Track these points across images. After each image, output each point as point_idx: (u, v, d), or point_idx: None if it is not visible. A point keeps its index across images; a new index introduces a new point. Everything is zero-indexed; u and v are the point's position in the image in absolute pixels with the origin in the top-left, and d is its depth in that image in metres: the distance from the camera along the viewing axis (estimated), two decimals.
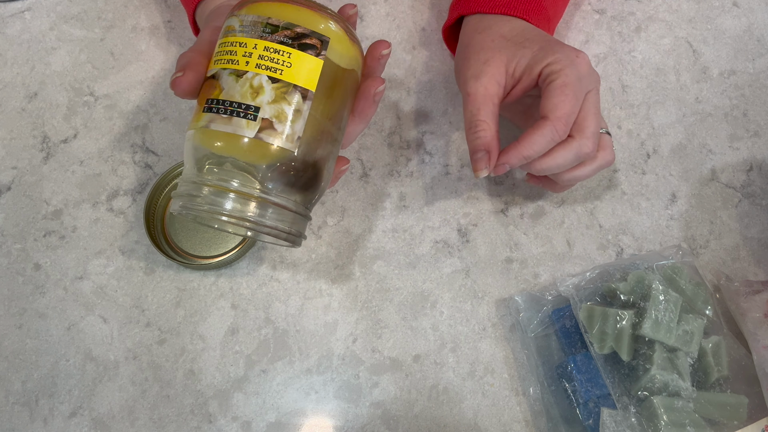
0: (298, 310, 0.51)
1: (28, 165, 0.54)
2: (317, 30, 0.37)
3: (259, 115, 0.35)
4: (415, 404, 0.49)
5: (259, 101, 0.36)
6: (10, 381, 0.49)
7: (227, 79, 0.36)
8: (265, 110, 0.36)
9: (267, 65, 0.36)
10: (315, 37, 0.37)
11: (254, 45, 0.36)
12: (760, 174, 0.56)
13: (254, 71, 0.36)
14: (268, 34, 0.36)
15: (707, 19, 0.61)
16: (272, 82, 0.36)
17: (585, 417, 0.45)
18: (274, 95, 0.36)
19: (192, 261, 0.51)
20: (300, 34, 0.36)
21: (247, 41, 0.36)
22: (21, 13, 0.60)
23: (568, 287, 0.49)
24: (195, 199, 0.36)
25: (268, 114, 0.36)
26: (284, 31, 0.36)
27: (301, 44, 0.36)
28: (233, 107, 0.36)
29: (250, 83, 0.36)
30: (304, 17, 0.37)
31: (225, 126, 0.36)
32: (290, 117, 0.36)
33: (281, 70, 0.36)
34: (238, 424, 0.48)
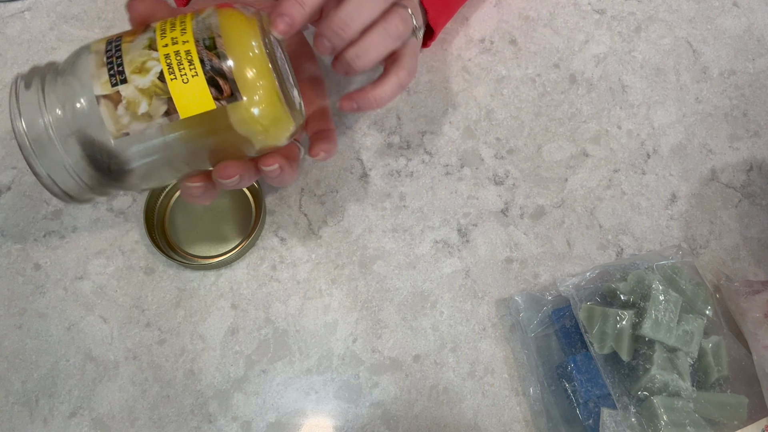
0: (298, 310, 0.51)
1: None
2: (242, 83, 0.34)
3: (120, 86, 0.34)
4: (415, 404, 0.49)
5: (132, 77, 0.34)
6: (10, 381, 0.49)
7: (141, 39, 0.35)
8: (127, 88, 0.34)
9: (172, 63, 0.34)
10: (230, 86, 0.34)
11: (185, 41, 0.34)
12: (760, 174, 0.56)
13: (160, 57, 0.34)
14: (203, 42, 0.34)
15: (707, 19, 0.61)
16: (159, 78, 0.34)
17: (585, 417, 0.45)
18: (147, 86, 0.34)
19: (192, 261, 0.51)
20: (219, 69, 0.34)
21: (188, 33, 0.35)
22: (21, 13, 0.60)
23: (568, 287, 0.49)
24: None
25: (126, 93, 0.34)
26: (212, 53, 0.34)
27: (211, 78, 0.34)
28: (115, 59, 0.34)
29: (145, 58, 0.34)
30: (246, 62, 0.34)
31: (96, 67, 0.34)
32: (136, 113, 0.34)
33: (174, 78, 0.34)
34: (238, 424, 0.48)
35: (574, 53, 0.59)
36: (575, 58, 0.59)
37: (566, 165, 0.55)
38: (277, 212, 0.53)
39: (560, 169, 0.55)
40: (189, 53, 0.34)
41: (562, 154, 0.56)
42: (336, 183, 0.54)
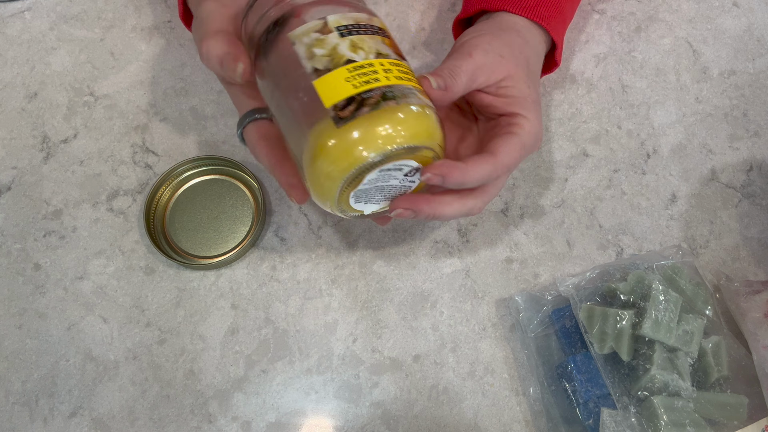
0: (298, 310, 0.51)
1: (28, 165, 0.54)
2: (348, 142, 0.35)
3: (339, 35, 0.37)
4: (415, 404, 0.49)
5: (347, 41, 0.37)
6: (10, 381, 0.49)
7: (383, 46, 0.38)
8: (335, 39, 0.37)
9: (364, 71, 0.36)
10: (349, 115, 0.35)
11: (387, 77, 0.37)
12: (760, 174, 0.56)
13: (371, 61, 0.37)
14: (389, 94, 0.36)
15: (707, 19, 0.61)
16: (345, 62, 0.36)
17: (585, 417, 0.45)
18: (340, 53, 0.36)
19: (192, 261, 0.52)
20: (361, 105, 0.35)
21: (389, 77, 0.37)
22: (21, 13, 0.60)
23: (568, 287, 0.49)
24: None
25: (330, 39, 0.37)
26: (381, 98, 0.36)
27: (357, 99, 0.35)
28: (358, 29, 0.38)
29: (365, 50, 0.37)
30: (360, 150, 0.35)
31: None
32: (313, 44, 0.37)
33: (357, 71, 0.36)
34: (238, 424, 0.48)
35: (574, 53, 0.59)
36: (575, 58, 0.59)
37: (566, 165, 0.55)
38: (277, 212, 0.53)
39: (560, 169, 0.55)
40: (375, 81, 0.36)
41: (562, 154, 0.56)
42: None
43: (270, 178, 0.54)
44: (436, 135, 0.38)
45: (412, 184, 0.40)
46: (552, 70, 0.52)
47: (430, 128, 0.37)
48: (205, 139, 0.55)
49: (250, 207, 0.53)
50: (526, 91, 0.44)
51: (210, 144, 0.55)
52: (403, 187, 0.40)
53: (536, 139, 0.43)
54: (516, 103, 0.43)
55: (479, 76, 0.42)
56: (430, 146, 0.37)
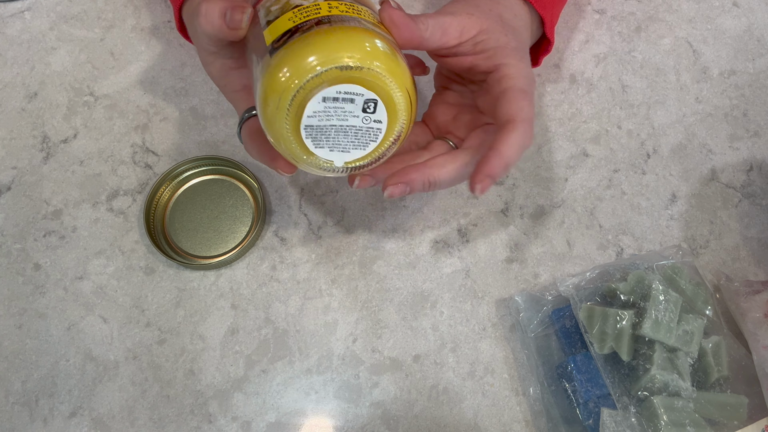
0: (298, 310, 0.51)
1: (28, 165, 0.54)
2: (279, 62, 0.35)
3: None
4: (415, 404, 0.49)
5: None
6: (10, 381, 0.49)
7: None
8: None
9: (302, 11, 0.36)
10: (276, 45, 0.35)
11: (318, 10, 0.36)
12: (760, 174, 0.56)
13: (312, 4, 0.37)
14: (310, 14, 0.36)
15: (707, 19, 0.61)
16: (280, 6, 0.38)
17: (585, 417, 0.45)
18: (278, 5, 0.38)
19: (192, 261, 0.52)
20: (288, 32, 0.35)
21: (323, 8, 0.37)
22: (21, 13, 0.60)
23: (568, 287, 0.49)
24: None
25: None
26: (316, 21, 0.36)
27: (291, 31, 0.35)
28: None
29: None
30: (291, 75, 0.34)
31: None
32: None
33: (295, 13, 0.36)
34: (238, 424, 0.48)
35: (574, 53, 0.59)
36: (575, 58, 0.59)
37: (566, 165, 0.55)
38: (277, 212, 0.53)
39: (560, 169, 0.55)
40: (317, 12, 0.35)
41: (562, 154, 0.56)
42: (336, 183, 0.54)
43: (270, 177, 0.54)
44: (379, 56, 0.34)
45: (379, 125, 0.37)
46: (548, 50, 0.51)
47: (367, 47, 0.34)
48: (205, 139, 0.55)
49: (250, 207, 0.53)
50: (504, 39, 0.42)
51: (210, 144, 0.55)
52: (370, 129, 0.37)
53: (529, 80, 0.42)
54: (496, 54, 0.42)
55: (450, 29, 0.41)
56: (370, 67, 0.34)
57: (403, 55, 0.37)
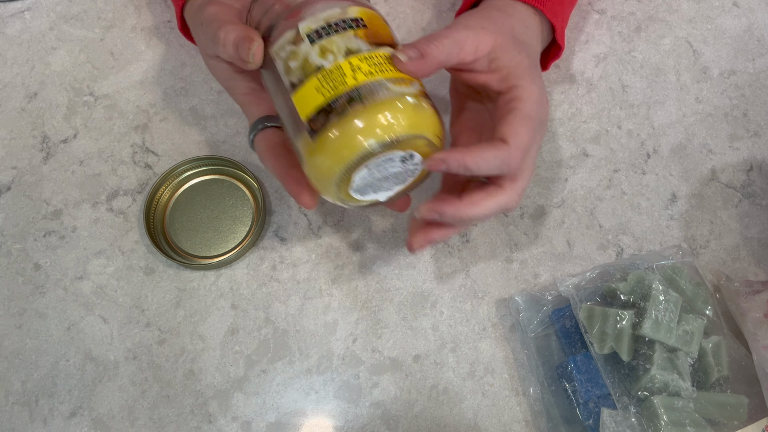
0: (298, 310, 0.51)
1: (28, 165, 0.54)
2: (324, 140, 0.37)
3: (306, 39, 0.38)
4: (415, 404, 0.49)
5: (315, 46, 0.38)
6: (10, 381, 0.49)
7: (352, 39, 0.38)
8: (306, 46, 0.38)
9: (331, 73, 0.37)
10: (319, 127, 0.37)
11: (356, 77, 0.37)
12: (760, 174, 0.56)
13: (336, 63, 0.37)
14: (355, 94, 0.37)
15: (707, 19, 0.61)
16: (316, 69, 0.37)
17: (585, 417, 0.45)
18: (309, 61, 0.37)
19: (192, 261, 0.52)
20: (328, 113, 0.36)
21: (361, 76, 0.37)
22: (21, 13, 0.60)
23: (568, 287, 0.49)
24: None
25: (303, 48, 0.38)
26: (348, 104, 0.36)
27: (328, 109, 0.36)
28: (332, 27, 0.38)
29: (332, 51, 0.37)
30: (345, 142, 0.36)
31: (322, 11, 0.38)
32: (287, 57, 0.38)
33: (319, 78, 0.37)
34: (238, 424, 0.48)
35: (574, 53, 0.59)
36: (575, 58, 0.59)
37: (566, 165, 0.55)
38: (277, 212, 0.53)
39: (560, 169, 0.55)
40: (343, 84, 0.36)
41: (562, 154, 0.56)
42: None
43: (270, 178, 0.54)
44: (411, 120, 0.37)
45: (416, 167, 0.40)
46: (557, 55, 0.51)
47: (400, 119, 0.36)
48: (205, 139, 0.55)
49: (250, 207, 0.53)
50: (517, 58, 0.42)
51: (210, 144, 0.55)
52: (408, 170, 0.40)
53: (540, 106, 0.41)
54: (509, 75, 0.42)
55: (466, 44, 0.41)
56: (415, 134, 0.37)
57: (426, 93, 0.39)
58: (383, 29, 0.40)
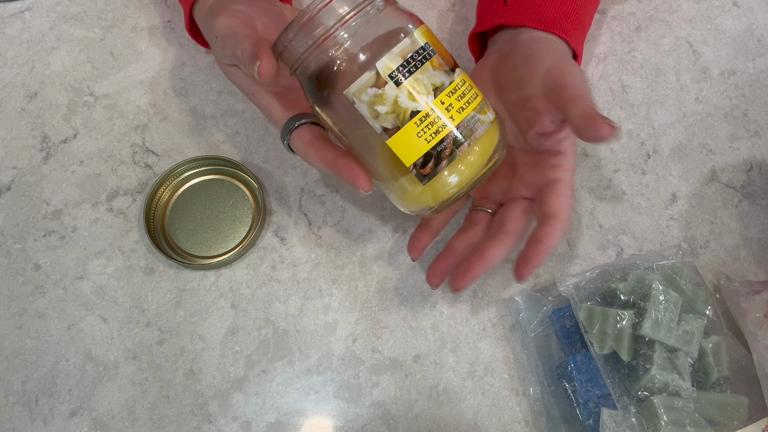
0: (298, 310, 0.51)
1: (28, 165, 0.54)
2: (433, 189, 0.40)
3: (391, 82, 0.37)
4: (415, 404, 0.49)
5: (402, 89, 0.37)
6: (10, 381, 0.49)
7: (439, 75, 0.39)
8: (392, 89, 0.37)
9: (428, 118, 0.38)
10: (428, 173, 0.39)
11: (452, 117, 0.39)
12: (760, 174, 0.56)
13: (428, 106, 0.38)
14: (459, 133, 0.39)
15: (707, 19, 0.61)
16: (411, 113, 0.38)
17: (585, 417, 0.45)
18: (401, 107, 0.38)
19: (192, 261, 0.52)
20: (439, 159, 0.39)
21: (460, 114, 0.39)
22: (21, 13, 0.60)
23: (568, 287, 0.49)
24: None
25: (387, 90, 0.37)
26: (451, 146, 0.38)
27: (431, 155, 0.38)
28: (414, 64, 0.38)
29: (421, 93, 0.38)
30: (453, 187, 0.40)
31: (399, 52, 0.38)
32: (374, 103, 0.37)
33: (417, 125, 0.38)
34: (238, 424, 0.48)
35: None
36: None
37: None
38: (277, 212, 0.53)
39: None
40: (442, 128, 0.38)
41: None
42: (336, 183, 0.54)
43: (270, 178, 0.54)
44: (503, 135, 0.41)
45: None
46: None
47: (499, 138, 0.41)
48: (205, 139, 0.55)
49: (250, 207, 0.53)
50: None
51: (210, 144, 0.55)
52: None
53: (574, 173, 0.45)
54: (567, 138, 0.44)
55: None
56: (504, 148, 0.42)
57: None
58: (441, 47, 0.40)
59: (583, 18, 0.50)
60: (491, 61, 0.49)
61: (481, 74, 0.48)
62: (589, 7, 0.51)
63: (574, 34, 0.48)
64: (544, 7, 0.47)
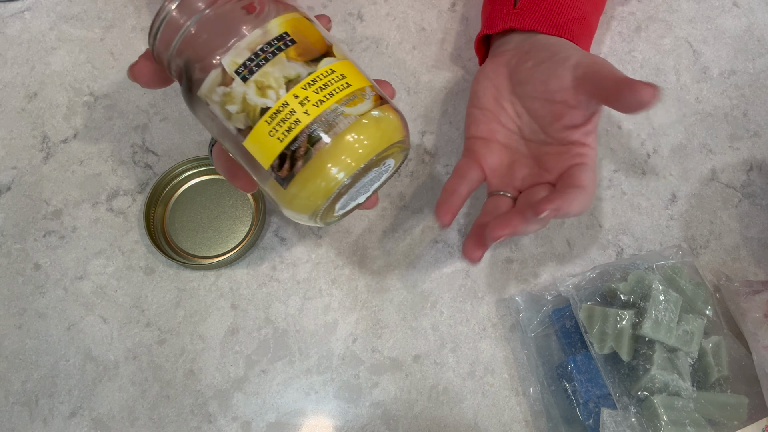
0: (298, 310, 0.51)
1: (28, 165, 0.54)
2: (298, 187, 0.35)
3: (237, 79, 0.34)
4: (415, 404, 0.49)
5: (250, 84, 0.34)
6: (10, 381, 0.49)
7: (293, 66, 0.34)
8: (239, 86, 0.34)
9: (279, 114, 0.34)
10: (287, 174, 0.34)
11: (306, 111, 0.34)
12: (760, 174, 0.56)
13: (281, 100, 0.34)
14: (313, 130, 0.34)
15: (707, 19, 0.61)
16: (260, 111, 0.34)
17: (585, 417, 0.45)
18: (250, 104, 0.34)
19: (192, 261, 0.52)
20: (294, 158, 0.34)
21: (317, 108, 0.34)
22: (21, 13, 0.60)
23: (568, 287, 0.49)
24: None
25: (234, 88, 0.34)
26: (307, 144, 0.34)
27: (285, 156, 0.34)
28: (261, 57, 0.34)
29: (273, 88, 0.34)
30: (316, 185, 0.35)
31: (245, 46, 0.34)
32: (225, 104, 0.34)
33: (268, 123, 0.34)
34: (238, 424, 0.48)
35: None
36: None
37: None
38: (277, 212, 0.54)
39: None
40: (295, 124, 0.33)
41: None
42: None
43: None
44: (386, 134, 0.35)
45: (389, 166, 0.38)
46: None
47: (374, 137, 0.34)
48: (205, 139, 0.55)
49: (250, 207, 0.53)
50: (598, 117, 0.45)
51: None
52: (383, 171, 0.38)
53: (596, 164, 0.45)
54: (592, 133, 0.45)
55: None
56: (386, 147, 0.35)
57: (382, 91, 0.37)
58: (312, 35, 0.35)
59: (592, 24, 0.50)
60: (507, 58, 0.48)
61: (497, 71, 0.48)
62: (597, 12, 0.52)
63: (582, 40, 0.49)
64: (554, 12, 0.48)
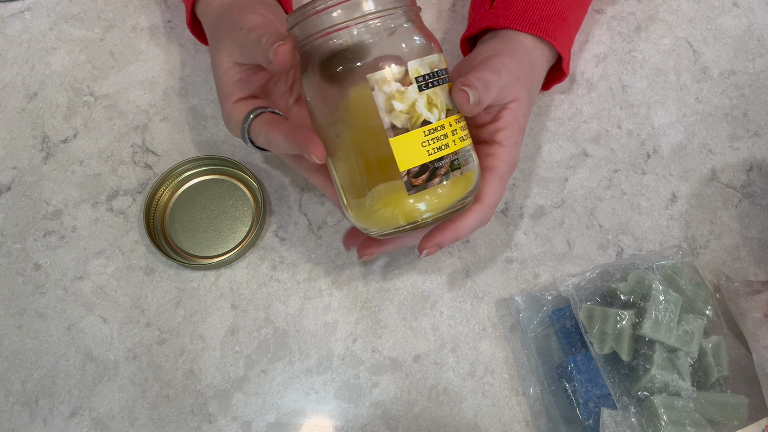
0: (298, 310, 0.51)
1: (28, 165, 0.54)
2: (422, 205, 0.39)
3: (414, 85, 0.38)
4: (415, 404, 0.49)
5: (422, 96, 0.38)
6: (10, 381, 0.49)
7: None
8: (413, 94, 0.38)
9: (437, 134, 0.38)
10: (422, 183, 0.38)
11: (463, 138, 0.40)
12: (760, 174, 0.56)
13: (441, 122, 0.39)
14: (462, 157, 0.40)
15: (707, 19, 0.61)
16: (422, 123, 0.38)
17: (585, 417, 0.45)
18: (415, 113, 0.38)
19: (192, 261, 0.52)
20: (433, 174, 0.38)
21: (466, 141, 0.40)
22: (21, 13, 0.60)
23: (568, 287, 0.49)
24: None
25: (409, 94, 0.38)
26: (453, 164, 0.39)
27: (426, 169, 0.38)
28: (438, 79, 0.39)
29: (438, 110, 0.39)
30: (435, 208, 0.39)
31: (429, 59, 0.39)
32: (390, 101, 0.37)
33: (425, 136, 0.38)
34: (238, 424, 0.48)
35: (574, 53, 0.59)
36: (575, 58, 0.59)
37: (566, 165, 0.55)
38: (277, 212, 0.53)
39: (560, 169, 0.55)
40: (446, 146, 0.38)
41: (562, 154, 0.56)
42: None
43: (270, 178, 0.54)
44: (476, 187, 0.42)
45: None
46: (560, 79, 0.53)
47: (475, 179, 0.41)
48: (205, 139, 0.55)
49: (250, 207, 0.53)
50: (521, 119, 0.45)
51: (210, 144, 0.55)
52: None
53: (511, 168, 0.45)
54: (502, 129, 0.44)
55: (505, 94, 0.43)
56: (472, 196, 0.42)
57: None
58: (447, 66, 0.41)
59: (568, 20, 0.50)
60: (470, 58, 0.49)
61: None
62: (576, 9, 0.51)
63: (558, 36, 0.49)
64: (528, 9, 0.48)
